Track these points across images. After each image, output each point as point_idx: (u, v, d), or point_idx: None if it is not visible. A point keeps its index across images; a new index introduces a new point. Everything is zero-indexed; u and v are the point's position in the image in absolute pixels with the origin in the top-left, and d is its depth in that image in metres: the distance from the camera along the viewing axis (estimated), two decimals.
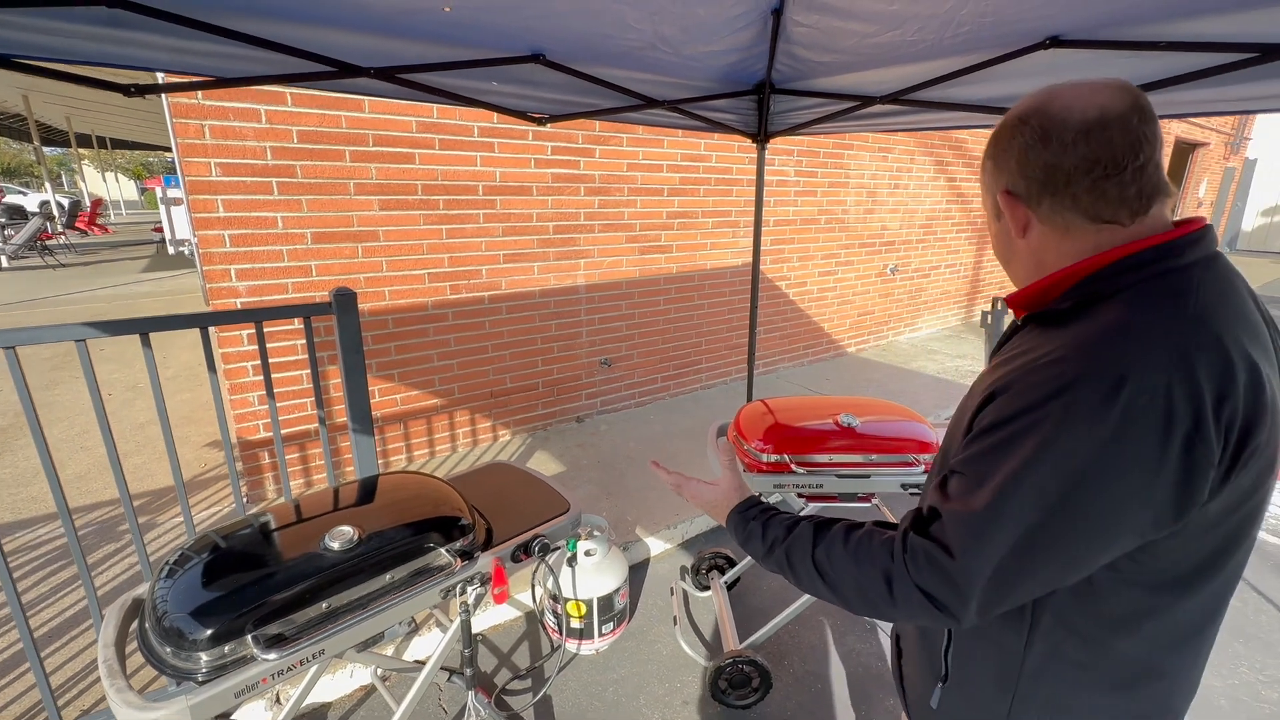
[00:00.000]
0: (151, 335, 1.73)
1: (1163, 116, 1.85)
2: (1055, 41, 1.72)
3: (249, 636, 1.19)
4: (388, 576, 1.38)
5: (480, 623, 2.45)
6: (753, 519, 0.97)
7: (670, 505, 3.18)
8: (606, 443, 3.95)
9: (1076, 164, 0.74)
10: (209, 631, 1.16)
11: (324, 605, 1.29)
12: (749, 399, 2.98)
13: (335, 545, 1.35)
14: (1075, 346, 0.70)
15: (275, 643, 1.21)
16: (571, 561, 2.25)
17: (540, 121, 2.30)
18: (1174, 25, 1.53)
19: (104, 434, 1.67)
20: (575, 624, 2.26)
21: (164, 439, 1.78)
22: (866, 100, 2.30)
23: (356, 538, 1.38)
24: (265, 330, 2.92)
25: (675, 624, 2.45)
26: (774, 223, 5.02)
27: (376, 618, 1.35)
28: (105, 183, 26.37)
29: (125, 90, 1.46)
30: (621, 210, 4.08)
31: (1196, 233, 0.75)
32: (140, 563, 1.86)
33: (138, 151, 28.87)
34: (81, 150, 20.03)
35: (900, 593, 0.74)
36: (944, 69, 2.00)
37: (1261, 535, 3.13)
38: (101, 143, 19.83)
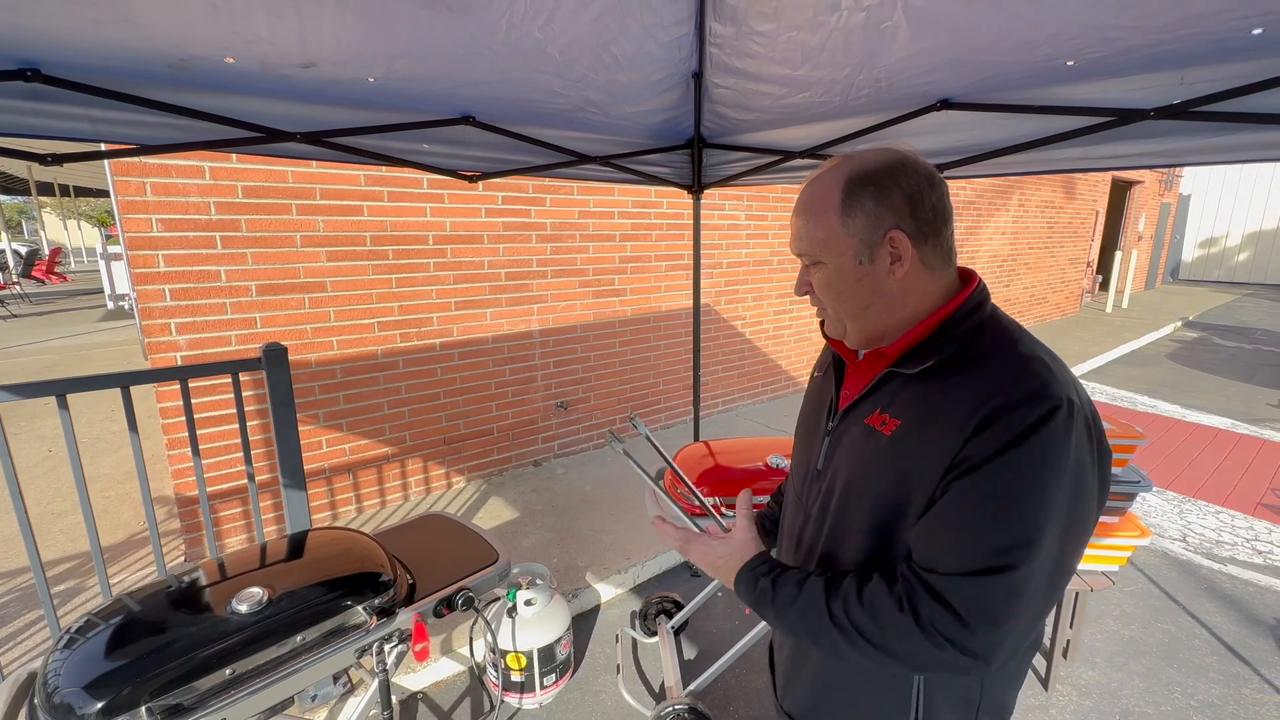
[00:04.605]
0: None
1: (1043, 172, 1.99)
2: (946, 104, 1.86)
3: (143, 709, 1.16)
4: (298, 638, 1.36)
5: (420, 680, 2.39)
6: (763, 575, 0.86)
7: (622, 549, 3.17)
8: (562, 486, 3.94)
9: (948, 209, 0.84)
10: (99, 705, 1.13)
11: (227, 671, 1.27)
12: (695, 439, 3.03)
13: (243, 608, 1.34)
14: (1007, 387, 0.74)
15: (173, 713, 1.18)
16: (511, 612, 2.23)
17: (472, 179, 2.38)
18: (1045, 90, 1.68)
19: (14, 498, 1.63)
20: (516, 677, 2.22)
21: (79, 500, 1.74)
22: (788, 154, 2.43)
23: (266, 599, 1.36)
24: (208, 384, 2.93)
25: (618, 672, 2.42)
26: (727, 265, 5.17)
27: (284, 682, 1.32)
28: (67, 230, 25.90)
29: (42, 160, 1.49)
30: (574, 256, 4.17)
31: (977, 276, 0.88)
32: (52, 634, 1.80)
33: (103, 200, 28.53)
34: (42, 198, 19.74)
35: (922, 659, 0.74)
36: (853, 127, 2.14)
37: (1195, 558, 3.23)
38: (64, 190, 19.57)
